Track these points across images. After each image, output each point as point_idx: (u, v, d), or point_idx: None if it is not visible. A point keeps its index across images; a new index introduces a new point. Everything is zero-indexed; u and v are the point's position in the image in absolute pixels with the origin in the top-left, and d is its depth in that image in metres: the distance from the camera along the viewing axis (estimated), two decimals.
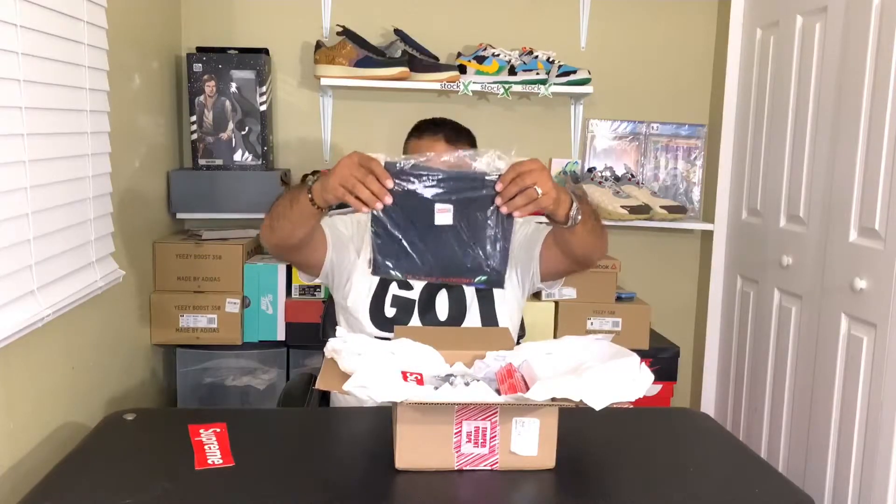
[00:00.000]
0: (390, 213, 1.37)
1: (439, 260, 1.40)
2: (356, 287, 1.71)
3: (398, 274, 1.40)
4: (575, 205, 1.45)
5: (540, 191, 1.34)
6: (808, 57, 2.22)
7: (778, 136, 2.38)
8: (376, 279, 1.70)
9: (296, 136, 2.72)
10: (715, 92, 2.80)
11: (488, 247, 1.40)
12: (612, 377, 1.23)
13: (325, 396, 1.81)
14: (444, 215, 1.36)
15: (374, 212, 1.37)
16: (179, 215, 2.50)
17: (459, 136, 1.77)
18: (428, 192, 1.36)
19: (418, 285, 1.73)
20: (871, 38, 1.93)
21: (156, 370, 2.36)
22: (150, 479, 1.22)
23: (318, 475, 1.28)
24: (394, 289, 1.73)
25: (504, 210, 1.36)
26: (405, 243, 1.39)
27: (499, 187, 1.35)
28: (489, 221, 1.39)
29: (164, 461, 1.30)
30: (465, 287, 1.72)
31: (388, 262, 1.40)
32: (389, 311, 1.70)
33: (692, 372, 2.91)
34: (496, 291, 1.73)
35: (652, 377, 1.25)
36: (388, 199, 1.34)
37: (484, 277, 1.43)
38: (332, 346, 1.36)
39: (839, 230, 2.04)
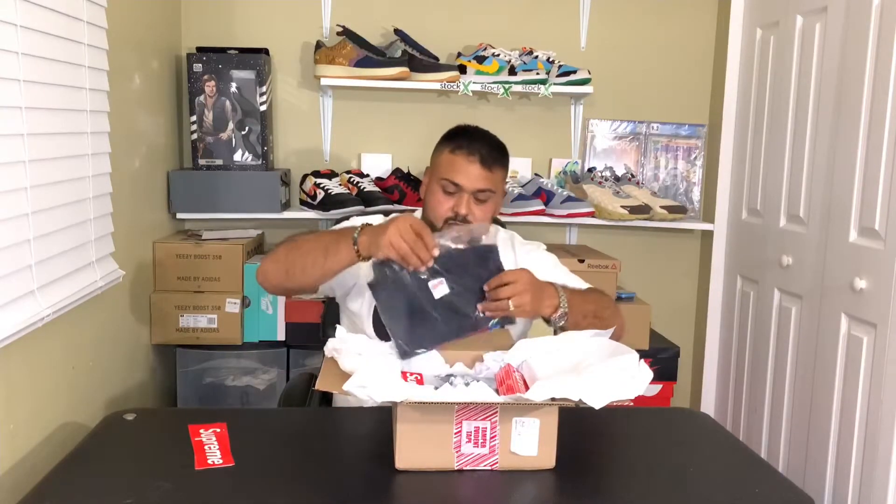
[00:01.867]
0: (393, 300, 1.44)
1: (450, 325, 1.46)
2: (361, 292, 1.70)
3: (424, 350, 1.44)
4: (560, 312, 1.55)
5: (512, 305, 1.47)
6: (808, 57, 2.22)
7: (778, 136, 2.38)
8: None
9: (296, 136, 2.72)
10: (715, 92, 2.80)
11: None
12: (611, 376, 1.23)
13: (325, 396, 1.81)
14: (440, 288, 1.46)
15: (379, 304, 1.44)
16: (179, 215, 2.50)
17: (496, 159, 1.70)
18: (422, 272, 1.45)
19: None
20: (871, 38, 1.93)
21: (156, 370, 2.36)
22: (150, 479, 1.22)
23: (318, 475, 1.28)
24: None
25: (479, 308, 1.48)
26: (415, 322, 1.44)
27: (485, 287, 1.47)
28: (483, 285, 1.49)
29: (164, 461, 1.30)
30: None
31: (411, 345, 1.43)
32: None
33: (692, 372, 2.91)
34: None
35: (651, 374, 1.25)
36: (430, 264, 1.43)
37: (495, 320, 1.50)
38: (331, 345, 1.36)
39: (839, 230, 2.04)
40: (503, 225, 2.07)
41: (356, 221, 1.79)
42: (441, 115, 2.70)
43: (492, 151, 1.70)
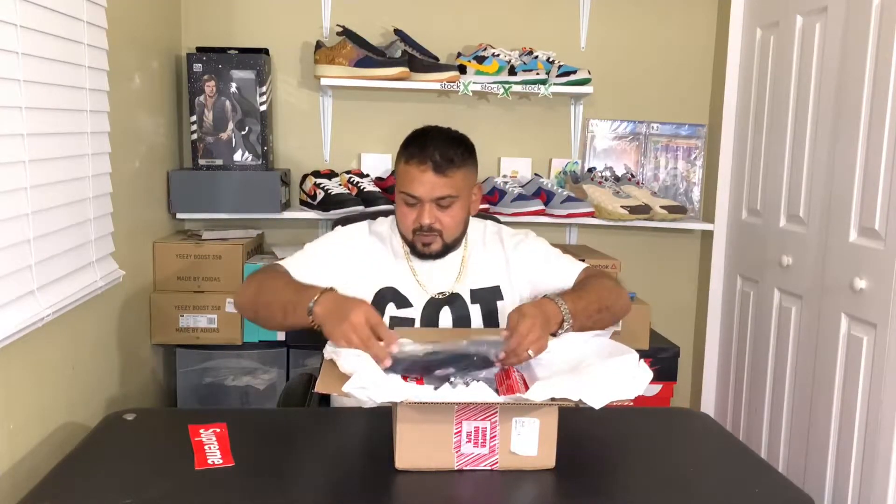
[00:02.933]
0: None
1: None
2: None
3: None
4: (565, 327, 1.50)
5: (533, 353, 1.40)
6: (808, 57, 2.22)
7: (778, 136, 2.38)
8: (371, 297, 1.67)
9: (296, 136, 2.72)
10: (715, 92, 2.80)
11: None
12: (610, 376, 1.23)
13: (324, 396, 1.81)
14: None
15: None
16: (179, 215, 2.50)
17: (451, 161, 1.62)
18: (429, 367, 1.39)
19: (418, 302, 1.70)
20: (871, 38, 1.93)
21: (156, 370, 2.36)
22: (150, 479, 1.22)
23: (318, 475, 1.28)
24: (391, 309, 1.68)
25: (498, 363, 1.41)
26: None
27: (502, 356, 1.40)
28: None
29: (164, 461, 1.30)
30: (468, 305, 1.71)
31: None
32: None
33: (692, 372, 2.91)
34: (500, 309, 1.71)
35: (651, 374, 1.25)
36: (388, 363, 1.34)
37: None
38: (330, 347, 1.36)
39: (839, 230, 2.04)
40: (495, 219, 2.06)
41: (354, 230, 1.78)
42: (441, 115, 2.70)
43: (445, 156, 1.62)
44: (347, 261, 1.70)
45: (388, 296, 1.69)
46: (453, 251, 1.74)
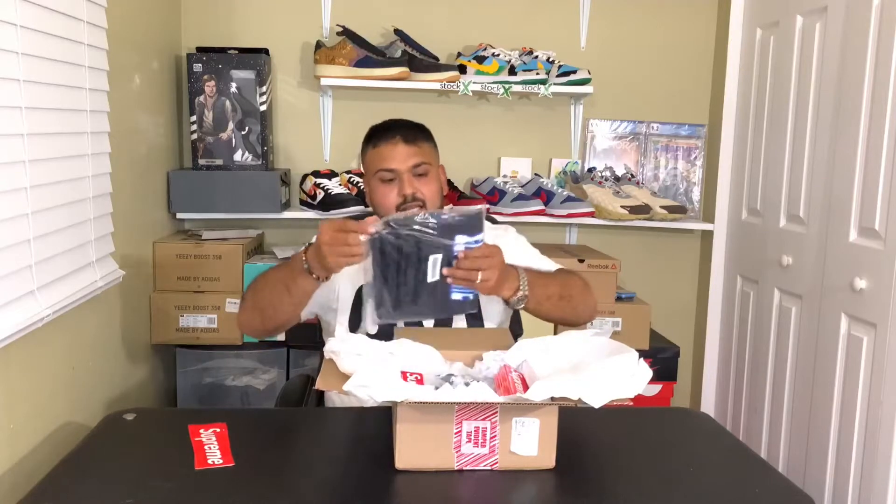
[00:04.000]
0: (386, 262, 1.45)
1: (432, 306, 1.51)
2: (344, 309, 1.70)
3: (394, 322, 1.49)
4: (519, 295, 1.55)
5: (480, 278, 1.47)
6: (808, 57, 2.22)
7: (778, 136, 2.38)
8: (350, 301, 1.68)
9: (296, 136, 2.72)
10: (715, 92, 2.80)
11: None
12: (610, 375, 1.23)
13: (321, 397, 1.81)
14: (433, 270, 1.47)
15: (375, 264, 1.45)
16: (179, 215, 2.50)
17: (417, 134, 1.71)
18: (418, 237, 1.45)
19: None
20: (871, 38, 1.93)
21: (156, 370, 2.36)
22: (150, 479, 1.21)
23: (318, 475, 1.28)
24: (372, 305, 1.69)
25: (446, 272, 1.47)
26: (402, 294, 1.47)
27: (461, 257, 1.46)
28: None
29: (164, 461, 1.30)
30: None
31: (394, 312, 1.47)
32: (371, 329, 1.66)
33: (692, 372, 2.91)
34: (480, 297, 1.71)
35: (650, 373, 1.25)
36: (372, 229, 1.41)
37: (458, 293, 1.52)
38: (330, 346, 1.36)
39: (839, 230, 2.04)
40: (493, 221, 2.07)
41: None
42: (441, 115, 2.70)
43: (410, 129, 1.71)
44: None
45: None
46: None
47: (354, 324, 1.67)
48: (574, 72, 2.57)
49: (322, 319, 1.76)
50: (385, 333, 1.57)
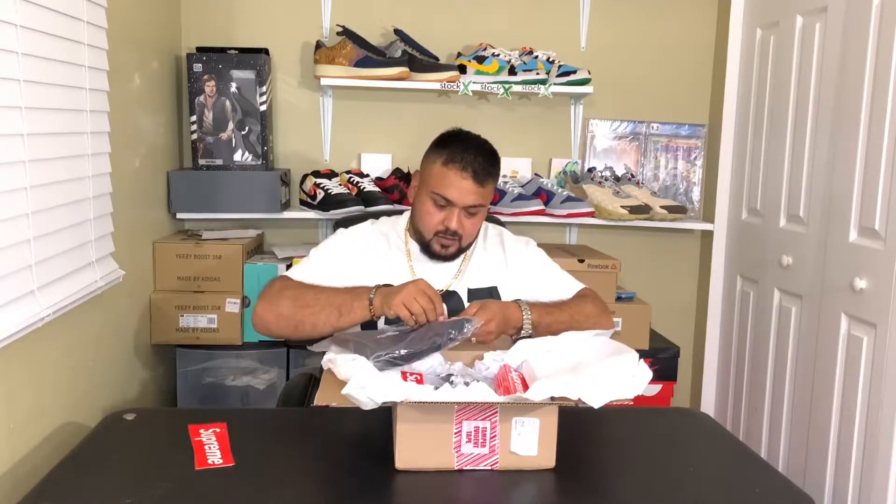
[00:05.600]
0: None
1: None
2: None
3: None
4: (523, 334, 1.59)
5: (475, 340, 1.51)
6: (808, 57, 2.22)
7: (778, 136, 2.38)
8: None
9: (296, 136, 2.72)
10: (715, 92, 2.80)
11: None
12: (610, 375, 1.23)
13: None
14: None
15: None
16: (179, 215, 2.50)
17: (488, 173, 1.66)
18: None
19: None
20: (871, 38, 1.93)
21: (156, 370, 2.36)
22: (150, 479, 1.22)
23: (318, 475, 1.28)
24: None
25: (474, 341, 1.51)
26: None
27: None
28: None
29: (164, 461, 1.30)
30: (465, 303, 1.71)
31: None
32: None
33: (692, 372, 2.91)
34: None
35: (650, 374, 1.25)
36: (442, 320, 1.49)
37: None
38: (328, 355, 1.36)
39: (839, 230, 2.04)
40: (496, 220, 2.07)
41: (359, 230, 1.79)
42: (441, 115, 2.70)
43: (484, 165, 1.65)
44: (355, 260, 1.72)
45: None
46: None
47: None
48: (574, 72, 2.57)
49: None
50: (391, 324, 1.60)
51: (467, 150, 1.65)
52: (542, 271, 1.79)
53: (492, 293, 1.73)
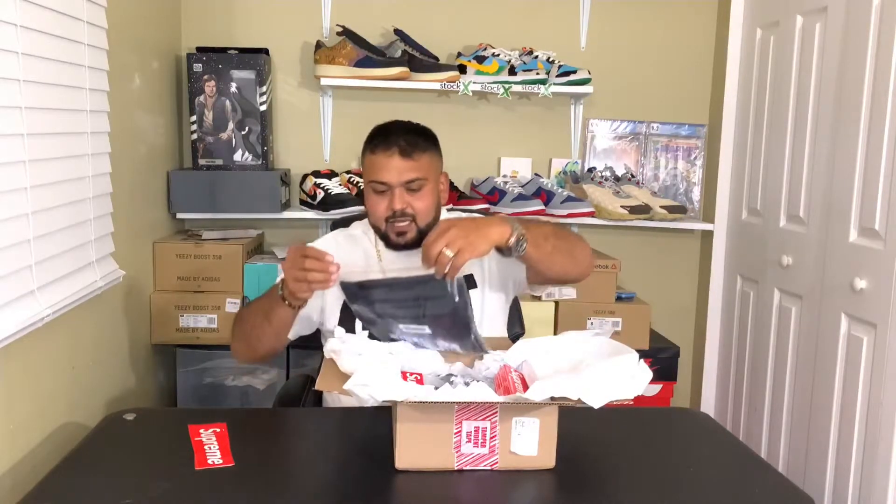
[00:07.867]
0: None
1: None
2: (330, 316, 1.70)
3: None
4: (516, 235, 1.44)
5: (450, 253, 1.36)
6: (808, 57, 2.22)
7: (778, 136, 2.38)
8: (338, 305, 1.67)
9: (296, 136, 2.72)
10: (715, 92, 2.80)
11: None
12: (610, 375, 1.23)
13: (320, 398, 1.81)
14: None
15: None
16: (179, 215, 2.50)
17: (415, 145, 1.64)
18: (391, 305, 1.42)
19: None
20: (871, 38, 1.93)
21: (156, 370, 2.36)
22: (150, 479, 1.21)
23: (317, 475, 1.28)
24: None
25: (439, 276, 1.37)
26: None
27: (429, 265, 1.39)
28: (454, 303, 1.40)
29: (164, 461, 1.30)
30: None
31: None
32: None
33: (692, 372, 2.91)
34: (475, 304, 1.68)
35: (650, 374, 1.25)
36: (334, 274, 1.41)
37: (455, 284, 1.41)
38: (331, 346, 1.36)
39: (839, 230, 2.04)
40: (463, 211, 2.06)
41: (322, 243, 1.77)
42: (441, 115, 2.70)
43: (410, 140, 1.64)
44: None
45: None
46: None
47: (347, 323, 1.66)
48: (574, 72, 2.57)
49: (308, 331, 1.77)
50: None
51: (389, 133, 1.67)
52: None
53: (468, 282, 1.70)
